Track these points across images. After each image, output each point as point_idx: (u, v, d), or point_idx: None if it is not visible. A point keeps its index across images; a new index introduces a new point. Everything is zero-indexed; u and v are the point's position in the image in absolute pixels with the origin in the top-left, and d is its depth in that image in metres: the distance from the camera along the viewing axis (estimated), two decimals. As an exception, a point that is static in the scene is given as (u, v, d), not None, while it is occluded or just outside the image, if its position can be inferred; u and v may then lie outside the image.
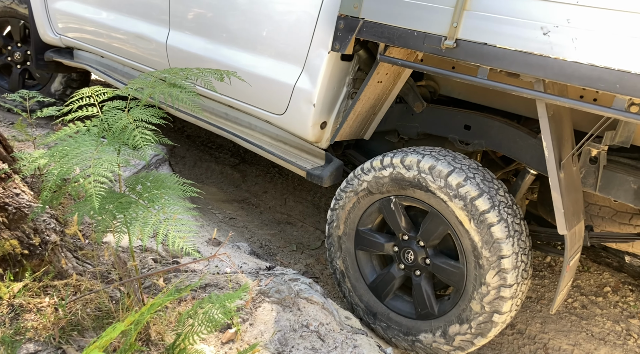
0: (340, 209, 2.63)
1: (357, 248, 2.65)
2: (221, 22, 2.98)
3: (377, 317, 2.65)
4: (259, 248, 3.43)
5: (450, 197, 2.24)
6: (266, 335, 2.20)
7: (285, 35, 2.68)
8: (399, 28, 2.20)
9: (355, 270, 2.68)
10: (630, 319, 2.98)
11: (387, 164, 2.41)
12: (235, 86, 2.95)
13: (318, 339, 2.29)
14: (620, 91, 1.73)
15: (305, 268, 3.34)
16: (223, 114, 3.29)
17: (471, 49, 2.01)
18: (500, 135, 2.49)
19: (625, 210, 2.51)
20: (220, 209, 3.80)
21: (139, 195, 1.62)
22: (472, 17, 2.00)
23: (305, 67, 2.62)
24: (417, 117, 2.77)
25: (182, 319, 1.48)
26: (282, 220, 3.84)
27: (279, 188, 4.24)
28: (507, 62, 1.93)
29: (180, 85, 1.62)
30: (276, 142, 3.06)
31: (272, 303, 2.37)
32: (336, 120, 2.75)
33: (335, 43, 2.42)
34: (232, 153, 4.70)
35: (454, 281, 2.36)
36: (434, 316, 2.46)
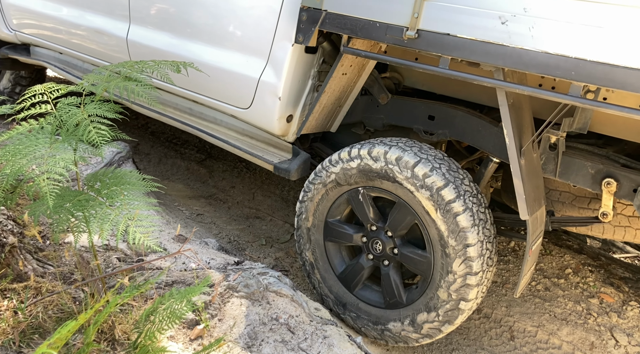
0: (308, 201, 2.64)
1: (326, 239, 2.66)
2: (183, 16, 2.92)
3: (346, 307, 2.67)
4: (227, 244, 3.40)
5: (417, 187, 2.26)
6: (235, 330, 2.19)
7: (248, 29, 2.66)
8: (362, 19, 2.21)
9: (324, 261, 2.70)
10: (590, 299, 3.08)
11: (354, 156, 2.42)
12: (200, 81, 2.91)
13: (288, 332, 2.30)
14: (576, 78, 1.76)
15: (275, 261, 3.33)
16: (187, 109, 3.24)
17: (432, 40, 2.03)
18: (463, 125, 2.52)
19: (584, 195, 2.58)
20: (187, 205, 3.76)
21: (97, 192, 1.58)
22: (432, 7, 2.02)
23: (269, 60, 2.61)
24: (382, 108, 2.79)
25: (143, 317, 1.45)
26: (250, 215, 3.82)
27: (246, 183, 4.21)
28: (467, 51, 1.96)
29: (136, 78, 1.59)
30: (242, 137, 3.03)
31: (240, 297, 2.35)
32: (302, 113, 2.74)
33: (299, 35, 2.41)
34: (198, 149, 4.65)
35: (422, 270, 2.39)
36: (402, 305, 2.50)
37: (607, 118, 2.29)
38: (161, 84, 3.15)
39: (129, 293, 1.31)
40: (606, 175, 2.23)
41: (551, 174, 2.36)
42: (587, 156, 2.33)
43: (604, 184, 2.22)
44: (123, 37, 3.25)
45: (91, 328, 1.21)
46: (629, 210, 2.55)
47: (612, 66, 1.69)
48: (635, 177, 2.18)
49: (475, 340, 2.80)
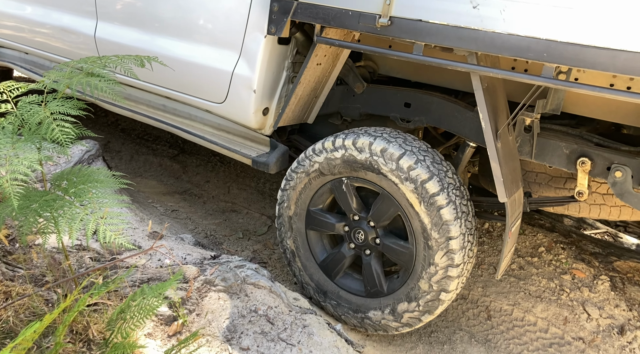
0: (291, 190, 2.63)
1: (308, 228, 2.66)
2: (152, 10, 2.86)
3: (327, 295, 2.69)
4: (204, 239, 3.38)
5: (401, 180, 2.27)
6: (214, 324, 2.19)
7: (218, 21, 2.61)
8: (334, 8, 2.19)
9: (305, 249, 2.70)
10: (562, 275, 3.16)
11: (339, 146, 2.41)
12: (173, 77, 2.86)
13: (267, 323, 2.30)
14: (547, 60, 1.78)
15: (252, 254, 3.32)
16: (161, 106, 3.18)
17: (405, 26, 2.03)
18: (439, 111, 2.53)
19: (559, 175, 2.62)
20: (161, 202, 3.72)
21: (64, 191, 1.55)
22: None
23: (242, 53, 2.57)
24: (358, 98, 2.78)
25: (115, 315, 1.44)
26: (226, 208, 3.79)
27: (221, 177, 4.18)
28: (440, 37, 1.97)
29: (99, 74, 1.56)
30: (218, 132, 2.99)
31: (218, 291, 2.35)
32: (278, 105, 2.72)
33: (271, 26, 2.38)
34: (170, 144, 4.59)
35: (404, 261, 2.41)
36: (383, 294, 2.52)
37: (579, 98, 2.32)
38: (133, 81, 3.09)
39: (97, 291, 1.29)
40: (580, 154, 2.26)
41: (527, 155, 2.39)
42: (561, 136, 2.36)
43: (579, 163, 2.25)
44: (91, 34, 3.17)
45: (60, 328, 1.19)
46: (603, 188, 2.60)
47: (582, 46, 1.71)
48: (609, 155, 2.22)
49: (453, 321, 2.85)
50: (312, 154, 2.51)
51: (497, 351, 2.68)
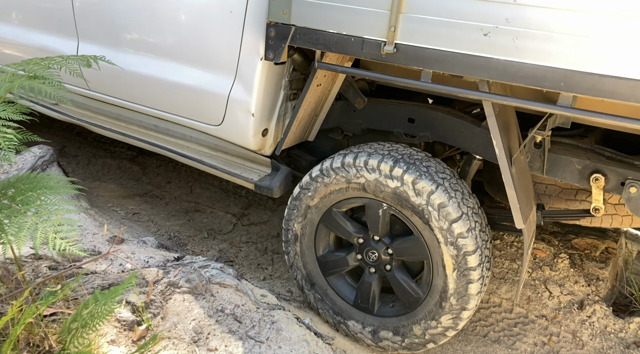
0: (322, 185, 2.44)
1: (321, 222, 2.55)
2: (141, 32, 2.71)
3: (313, 287, 2.65)
4: (167, 240, 3.32)
5: (446, 241, 2.18)
6: (180, 326, 2.15)
7: (211, 44, 2.48)
8: (335, 34, 2.07)
9: (310, 240, 2.59)
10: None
11: (395, 176, 2.23)
12: (165, 98, 2.72)
13: (235, 322, 2.28)
14: (565, 89, 1.71)
15: (219, 253, 3.29)
16: (152, 127, 3.00)
17: (412, 53, 1.92)
18: (444, 126, 2.45)
19: (570, 186, 2.58)
20: (122, 205, 3.63)
21: (11, 199, 1.49)
22: (409, 20, 1.90)
23: (237, 76, 2.45)
24: (359, 113, 2.67)
25: (67, 324, 1.39)
26: (190, 209, 3.74)
27: (183, 176, 4.11)
28: (449, 65, 1.87)
29: (43, 76, 1.50)
30: (215, 153, 2.84)
31: (183, 293, 2.31)
32: (277, 125, 2.61)
33: (269, 52, 2.25)
34: (128, 146, 4.48)
35: (407, 300, 2.38)
36: (371, 313, 2.49)
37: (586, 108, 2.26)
38: (124, 103, 2.94)
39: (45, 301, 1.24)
40: (594, 170, 2.21)
41: (538, 171, 2.34)
42: (572, 150, 2.30)
43: (592, 179, 2.20)
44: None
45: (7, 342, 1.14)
46: (615, 198, 2.55)
47: (600, 76, 1.64)
48: (623, 171, 2.16)
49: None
50: (362, 167, 2.30)
51: (464, 334, 2.73)
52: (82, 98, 3.24)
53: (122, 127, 3.13)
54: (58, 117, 3.36)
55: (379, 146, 2.39)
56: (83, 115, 3.29)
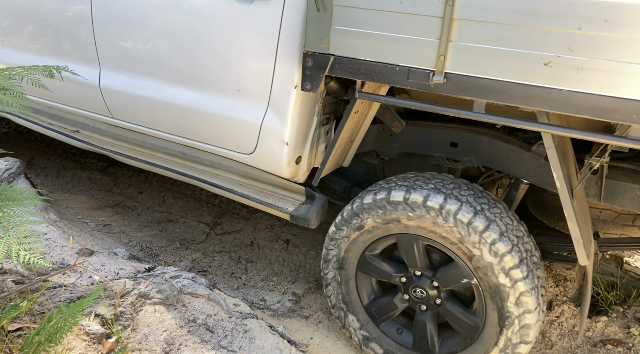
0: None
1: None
2: (168, 61, 2.58)
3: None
4: (139, 252, 3.28)
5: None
6: (151, 337, 2.13)
7: (242, 73, 2.39)
8: (378, 63, 1.94)
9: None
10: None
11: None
12: (194, 127, 2.63)
13: (207, 332, 2.27)
14: (638, 121, 1.57)
15: (191, 263, 3.26)
16: (179, 154, 2.89)
17: (463, 83, 1.80)
18: (490, 150, 2.33)
19: (627, 212, 2.44)
20: (92, 217, 3.58)
21: (-28, 213, 1.46)
22: (460, 49, 1.77)
23: (270, 105, 2.35)
24: (397, 137, 2.55)
25: (30, 339, 1.37)
26: (162, 219, 3.70)
27: (155, 187, 4.07)
28: (506, 95, 1.74)
29: (4, 86, 1.48)
30: (246, 180, 2.74)
31: (154, 304, 2.29)
32: (310, 151, 2.51)
33: (306, 83, 2.13)
34: (99, 157, 4.42)
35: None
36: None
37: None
38: (150, 131, 2.85)
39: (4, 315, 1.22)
40: None
41: (594, 198, 2.21)
42: (632, 176, 2.17)
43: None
44: (95, 83, 2.87)
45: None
46: None
47: None
48: None
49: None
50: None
51: (436, 337, 2.77)
52: (105, 125, 3.13)
53: (147, 154, 3.01)
54: (79, 146, 3.24)
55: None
56: (105, 142, 3.17)
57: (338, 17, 1.95)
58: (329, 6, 1.95)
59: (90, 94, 2.95)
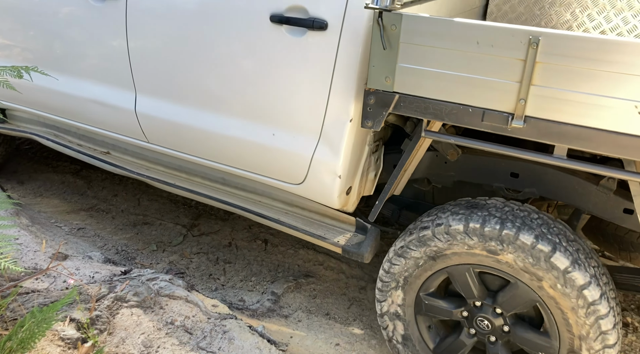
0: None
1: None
2: (214, 90, 2.48)
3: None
4: (115, 255, 3.24)
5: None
6: (128, 341, 2.11)
7: (294, 106, 2.30)
8: (448, 103, 1.84)
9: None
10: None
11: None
12: (239, 156, 2.55)
13: (185, 333, 2.25)
14: None
15: (169, 265, 3.23)
16: (219, 179, 2.80)
17: (545, 128, 1.71)
18: (554, 182, 2.24)
19: None
20: (66, 221, 3.51)
21: (-61, 217, 1.43)
22: (544, 92, 1.68)
23: (322, 137, 2.28)
24: (451, 165, 2.45)
25: (2, 343, 1.34)
26: (137, 221, 3.66)
27: (129, 189, 4.02)
28: (593, 143, 1.66)
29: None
30: (291, 208, 2.67)
31: (131, 307, 2.26)
32: (360, 181, 2.45)
33: (367, 121, 2.04)
34: (71, 160, 4.34)
35: None
36: None
37: None
38: (189, 158, 2.77)
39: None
40: None
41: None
42: None
43: None
44: (131, 109, 2.78)
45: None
46: None
47: None
48: None
49: (372, 309, 2.94)
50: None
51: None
52: (139, 149, 3.05)
53: (184, 179, 2.92)
54: (109, 169, 3.11)
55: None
56: (138, 166, 3.06)
57: (405, 55, 1.85)
58: (395, 44, 1.85)
59: (124, 118, 2.85)
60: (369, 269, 3.21)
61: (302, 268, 3.24)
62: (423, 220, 2.15)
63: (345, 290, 3.07)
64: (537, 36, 1.61)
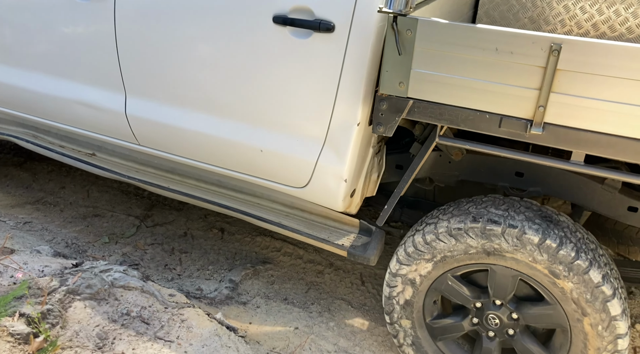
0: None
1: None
2: (210, 92, 2.38)
3: None
4: (64, 248, 3.14)
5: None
6: (82, 334, 2.06)
7: (297, 110, 2.23)
8: (464, 109, 1.82)
9: None
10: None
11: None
12: (239, 160, 2.45)
13: (142, 324, 2.22)
14: None
15: (122, 257, 3.16)
16: (215, 181, 2.72)
17: (564, 135, 1.71)
18: (559, 182, 2.27)
19: None
20: (11, 215, 3.37)
21: None
22: (563, 100, 1.68)
23: (327, 142, 2.22)
24: (455, 164, 2.45)
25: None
26: (87, 214, 3.55)
27: (78, 181, 3.89)
28: (613, 150, 1.68)
29: None
30: (292, 211, 2.60)
31: (84, 299, 2.21)
32: (364, 183, 2.41)
33: (379, 127, 2.01)
34: (15, 151, 4.16)
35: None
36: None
37: None
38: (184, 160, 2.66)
39: None
40: None
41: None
42: None
43: None
44: (121, 111, 2.65)
45: None
46: None
47: None
48: None
49: (330, 292, 2.98)
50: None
51: (372, 312, 2.86)
52: (128, 150, 2.90)
53: (178, 182, 2.79)
54: (95, 172, 2.95)
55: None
56: (128, 168, 2.91)
57: (420, 60, 1.82)
58: (410, 49, 1.80)
59: (113, 121, 2.73)
60: (326, 253, 3.25)
61: (259, 255, 3.25)
62: (492, 212, 2.07)
63: (303, 275, 3.10)
64: (559, 43, 1.61)
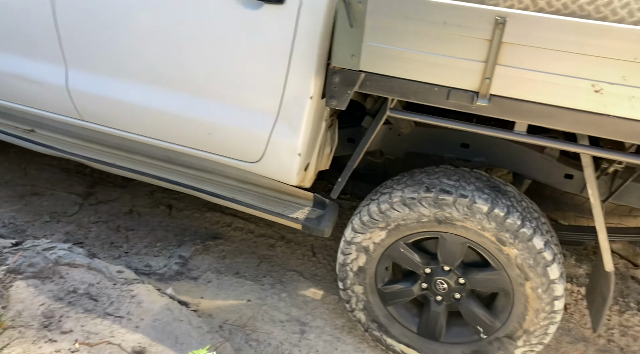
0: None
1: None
2: (156, 63, 2.28)
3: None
4: (1, 228, 2.99)
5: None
6: (26, 313, 1.99)
7: (249, 82, 2.18)
8: (414, 82, 1.85)
9: None
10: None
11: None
12: (188, 134, 2.35)
13: (90, 301, 2.17)
14: None
15: (65, 236, 3.05)
16: (164, 157, 2.60)
17: (508, 106, 1.78)
18: (502, 151, 2.35)
19: None
20: (-61, 195, 3.17)
21: None
22: (507, 71, 1.73)
23: (280, 115, 2.18)
24: (405, 137, 2.49)
25: None
26: (25, 192, 3.38)
27: (13, 159, 3.69)
28: (553, 120, 1.75)
29: None
30: (245, 186, 2.54)
31: (26, 278, 2.13)
32: (318, 157, 2.38)
33: (332, 100, 2.00)
34: (-60, 129, 3.88)
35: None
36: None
37: None
38: (131, 136, 2.53)
39: None
40: None
41: (603, 196, 2.26)
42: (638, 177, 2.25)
43: None
44: (61, 85, 2.49)
45: None
46: None
47: None
48: None
49: (281, 265, 3.01)
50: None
51: (323, 282, 2.91)
52: (70, 126, 2.72)
53: (124, 158, 2.67)
54: (35, 149, 2.78)
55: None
56: (71, 145, 2.76)
57: (371, 33, 1.82)
58: (361, 21, 1.81)
59: (54, 95, 2.58)
60: (278, 227, 3.26)
61: (209, 231, 3.22)
62: (444, 182, 2.12)
63: (254, 249, 3.10)
64: (503, 17, 1.65)
